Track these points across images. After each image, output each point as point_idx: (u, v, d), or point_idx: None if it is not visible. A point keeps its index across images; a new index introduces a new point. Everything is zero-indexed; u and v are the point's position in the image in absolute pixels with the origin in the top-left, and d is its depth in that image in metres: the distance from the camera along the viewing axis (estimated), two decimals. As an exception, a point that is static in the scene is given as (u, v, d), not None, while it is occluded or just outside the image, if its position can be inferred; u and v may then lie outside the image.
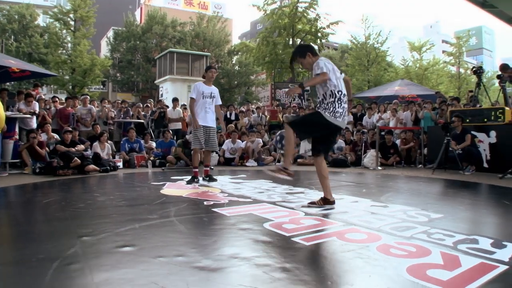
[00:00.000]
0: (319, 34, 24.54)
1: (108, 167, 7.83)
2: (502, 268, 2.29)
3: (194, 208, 4.10)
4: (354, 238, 2.91)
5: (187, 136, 9.79)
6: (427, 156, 9.54)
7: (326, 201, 4.10)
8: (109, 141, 9.40)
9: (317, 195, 4.62)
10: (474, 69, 9.37)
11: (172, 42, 33.26)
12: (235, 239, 2.91)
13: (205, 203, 4.35)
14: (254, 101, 32.45)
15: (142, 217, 3.57)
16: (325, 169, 4.15)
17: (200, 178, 6.32)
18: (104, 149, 8.73)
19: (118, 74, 33.39)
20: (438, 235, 2.99)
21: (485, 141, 8.02)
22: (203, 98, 6.23)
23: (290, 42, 24.74)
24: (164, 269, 2.17)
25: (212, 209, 3.93)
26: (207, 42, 35.59)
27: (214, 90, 6.40)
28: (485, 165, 7.97)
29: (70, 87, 25.23)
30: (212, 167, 8.74)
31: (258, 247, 2.67)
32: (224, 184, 6.07)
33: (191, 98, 6.29)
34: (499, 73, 8.84)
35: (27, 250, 2.49)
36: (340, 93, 3.96)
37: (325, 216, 3.69)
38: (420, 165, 9.61)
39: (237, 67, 37.16)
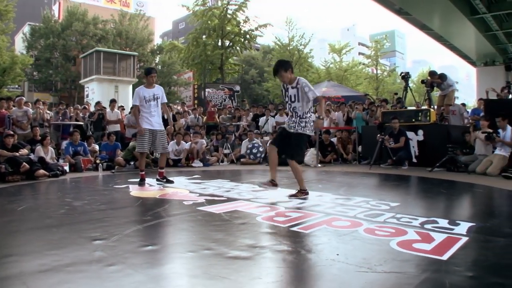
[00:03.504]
0: (248, 36, 25.15)
1: (58, 172, 7.62)
2: (464, 239, 2.93)
3: (178, 208, 4.31)
4: (341, 225, 3.39)
5: (131, 143, 9.76)
6: (361, 153, 10.46)
7: (303, 192, 4.83)
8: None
9: (277, 190, 5.05)
10: (402, 74, 10.47)
11: (93, 40, 31.91)
12: (242, 232, 3.23)
13: (184, 203, 4.57)
14: (177, 101, 32.22)
15: (137, 219, 3.74)
16: (297, 168, 4.88)
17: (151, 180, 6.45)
18: (48, 152, 8.41)
19: (35, 73, 31.28)
20: (405, 219, 3.58)
21: (414, 139, 9.04)
22: (146, 103, 6.25)
23: (219, 43, 25.07)
24: (203, 261, 2.44)
25: (197, 208, 4.17)
26: (130, 40, 34.64)
27: (157, 90, 6.38)
28: (414, 160, 8.99)
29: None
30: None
31: (268, 237, 3.04)
32: (187, 185, 6.25)
33: (134, 105, 6.36)
34: (424, 78, 10.00)
35: (54, 257, 2.52)
36: (310, 117, 4.74)
37: (304, 208, 4.13)
38: (355, 162, 10.50)
39: (159, 66, 36.60)
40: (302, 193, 4.81)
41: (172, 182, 6.44)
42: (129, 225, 3.42)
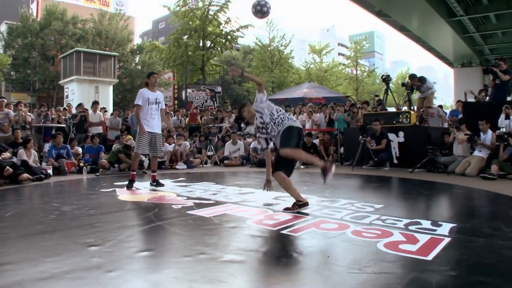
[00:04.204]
0: (229, 37, 25.21)
1: (42, 175, 7.55)
2: (447, 240, 3.07)
3: (169, 212, 4.35)
4: (329, 227, 3.51)
5: (116, 146, 9.74)
6: (344, 155, 10.65)
7: (300, 204, 4.26)
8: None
9: (266, 193, 5.06)
10: (383, 77, 10.72)
11: (72, 40, 31.39)
12: (233, 236, 3.33)
13: (174, 206, 4.63)
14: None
15: (129, 224, 3.79)
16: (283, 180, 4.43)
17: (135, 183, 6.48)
18: (31, 156, 8.32)
19: (12, 73, 30.57)
20: (390, 221, 3.72)
21: (394, 141, 9.26)
22: (148, 105, 6.36)
23: (201, 44, 25.07)
24: (199, 266, 2.51)
25: (187, 212, 4.24)
26: (110, 40, 34.22)
27: (159, 95, 6.58)
28: (395, 161, 9.22)
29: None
30: (145, 171, 8.86)
31: (259, 241, 3.13)
32: (173, 188, 6.30)
33: (137, 105, 6.42)
34: (405, 81, 10.27)
35: (52, 264, 2.55)
36: (280, 111, 4.49)
37: (292, 211, 4.23)
38: (337, 163, 10.68)
39: (139, 66, 36.29)
40: (297, 205, 4.25)
41: (162, 185, 6.49)
42: (122, 230, 3.46)
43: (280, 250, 2.86)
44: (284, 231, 3.36)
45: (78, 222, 3.80)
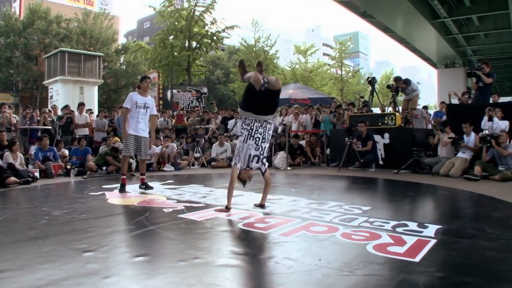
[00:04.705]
0: (215, 38, 25.22)
1: (29, 178, 7.49)
2: (433, 241, 3.19)
3: (160, 216, 4.38)
4: (318, 230, 3.59)
5: (104, 148, 9.69)
6: (330, 156, 10.79)
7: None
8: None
9: (254, 196, 5.18)
10: (368, 79, 10.90)
11: (56, 39, 31.00)
12: (226, 239, 3.39)
13: (164, 210, 4.66)
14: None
15: (122, 229, 3.82)
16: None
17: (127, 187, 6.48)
18: (17, 158, 8.23)
19: (-6, 73, 30.09)
20: (377, 223, 3.83)
21: (380, 142, 9.43)
22: (136, 108, 6.39)
23: (187, 45, 25.03)
24: (195, 270, 2.57)
25: (179, 216, 4.28)
26: (94, 40, 33.90)
27: (149, 100, 6.60)
28: (381, 162, 9.39)
29: None
30: (134, 173, 8.85)
31: (252, 244, 3.21)
32: (163, 191, 6.31)
33: (125, 108, 6.48)
34: (389, 82, 10.46)
35: (49, 271, 2.56)
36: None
37: (281, 214, 4.31)
38: (323, 164, 10.82)
39: (124, 66, 36.04)
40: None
41: (151, 188, 6.53)
42: (114, 235, 3.50)
43: (272, 254, 2.93)
44: (275, 234, 3.44)
45: (70, 227, 3.81)
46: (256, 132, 4.44)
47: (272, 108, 4.55)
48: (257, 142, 4.45)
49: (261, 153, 4.49)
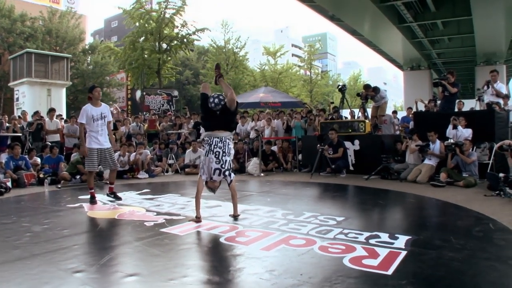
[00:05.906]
0: (185, 40, 25.16)
1: (1, 189, 7.37)
2: (403, 253, 3.45)
3: (142, 230, 4.46)
4: (297, 243, 3.80)
5: (75, 157, 9.59)
6: (302, 161, 11.06)
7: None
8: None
9: (230, 206, 5.19)
10: (339, 87, 11.26)
11: (21, 39, 30.17)
12: (211, 255, 3.56)
13: (146, 224, 4.76)
14: (111, 102, 31.34)
15: (107, 245, 3.89)
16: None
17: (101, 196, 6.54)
18: (-13, 169, 8.12)
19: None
20: (352, 234, 4.07)
21: (350, 148, 9.76)
22: (94, 122, 6.33)
23: (157, 47, 24.85)
24: (186, 289, 2.73)
25: (161, 230, 4.39)
26: (60, 39, 33.20)
27: (104, 109, 6.51)
28: (351, 168, 9.73)
29: None
30: (106, 182, 8.81)
31: (236, 259, 3.38)
32: (141, 202, 6.36)
33: (80, 123, 6.42)
34: (360, 92, 10.88)
35: None
36: None
37: (260, 227, 4.48)
38: (295, 169, 11.09)
39: (91, 67, 35.41)
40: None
41: (120, 199, 6.56)
42: (101, 253, 3.58)
43: (257, 269, 3.09)
44: (257, 248, 3.61)
45: (55, 245, 3.84)
46: (216, 146, 4.75)
47: (228, 126, 4.91)
48: (217, 156, 4.75)
49: (222, 166, 4.76)
